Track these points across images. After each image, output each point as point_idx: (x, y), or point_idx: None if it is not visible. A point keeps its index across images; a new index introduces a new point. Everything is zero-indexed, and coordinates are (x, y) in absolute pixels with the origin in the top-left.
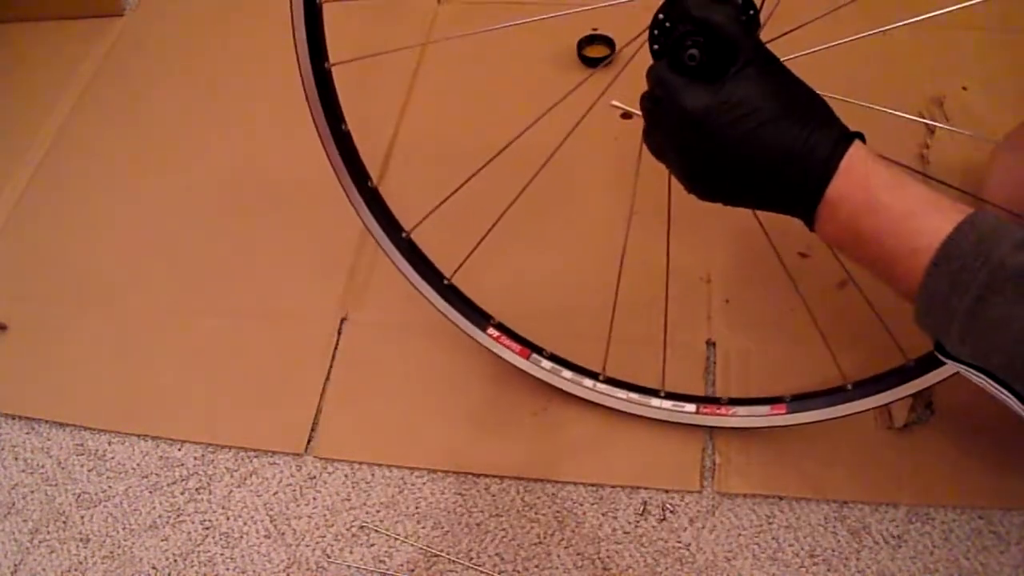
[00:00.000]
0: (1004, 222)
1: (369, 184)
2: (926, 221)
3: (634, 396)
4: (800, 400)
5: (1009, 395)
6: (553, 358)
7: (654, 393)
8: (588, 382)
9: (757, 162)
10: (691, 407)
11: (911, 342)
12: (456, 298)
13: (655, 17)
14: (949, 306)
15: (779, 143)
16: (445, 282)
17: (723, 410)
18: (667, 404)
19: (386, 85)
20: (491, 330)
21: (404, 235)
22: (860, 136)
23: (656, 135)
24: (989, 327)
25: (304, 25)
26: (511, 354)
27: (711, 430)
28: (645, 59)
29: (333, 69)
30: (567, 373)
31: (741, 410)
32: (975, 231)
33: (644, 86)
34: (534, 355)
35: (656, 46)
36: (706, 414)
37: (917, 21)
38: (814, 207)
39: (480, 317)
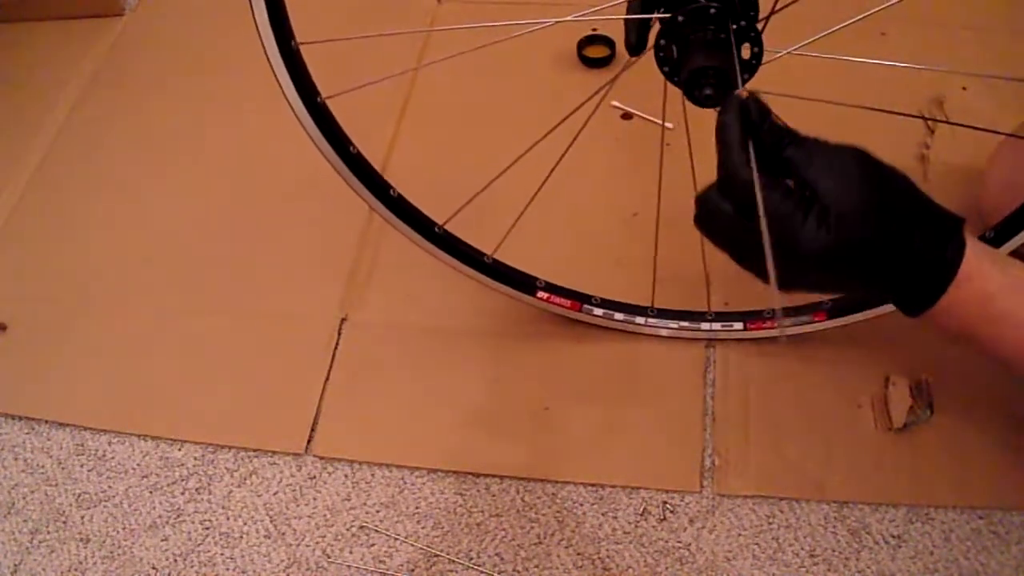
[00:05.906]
0: None
1: (391, 193)
2: None
3: (685, 324)
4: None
5: None
6: (603, 304)
7: (702, 317)
8: (639, 319)
9: (850, 271)
10: (739, 325)
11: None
12: (501, 272)
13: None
14: None
15: (874, 250)
16: (487, 260)
17: (769, 324)
18: (716, 325)
19: (386, 84)
20: (540, 293)
21: (438, 229)
22: (963, 221)
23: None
24: None
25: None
26: (563, 310)
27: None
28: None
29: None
30: (619, 315)
31: (787, 320)
32: None
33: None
34: (585, 306)
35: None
36: (754, 329)
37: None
38: (921, 312)
39: (527, 283)
